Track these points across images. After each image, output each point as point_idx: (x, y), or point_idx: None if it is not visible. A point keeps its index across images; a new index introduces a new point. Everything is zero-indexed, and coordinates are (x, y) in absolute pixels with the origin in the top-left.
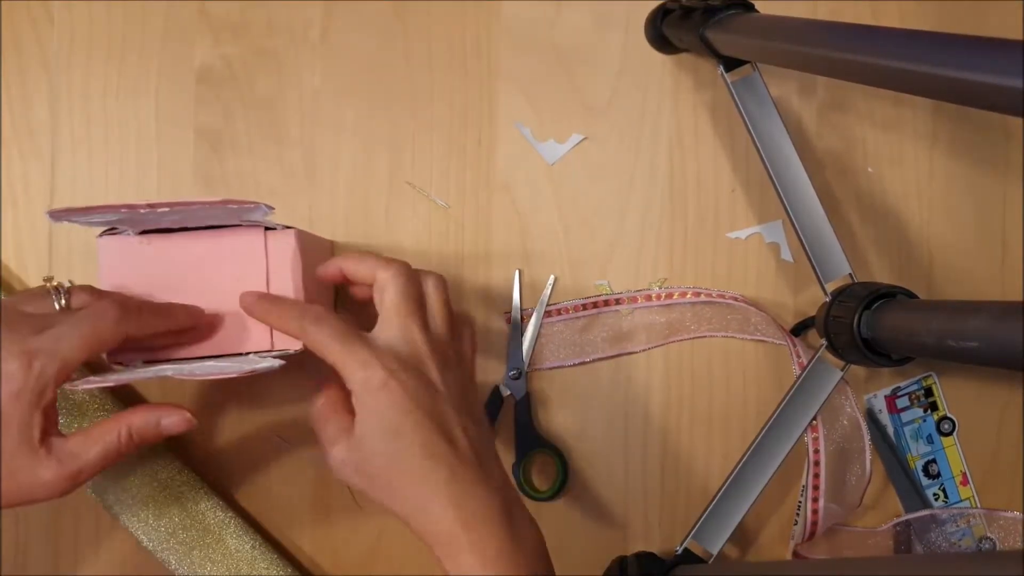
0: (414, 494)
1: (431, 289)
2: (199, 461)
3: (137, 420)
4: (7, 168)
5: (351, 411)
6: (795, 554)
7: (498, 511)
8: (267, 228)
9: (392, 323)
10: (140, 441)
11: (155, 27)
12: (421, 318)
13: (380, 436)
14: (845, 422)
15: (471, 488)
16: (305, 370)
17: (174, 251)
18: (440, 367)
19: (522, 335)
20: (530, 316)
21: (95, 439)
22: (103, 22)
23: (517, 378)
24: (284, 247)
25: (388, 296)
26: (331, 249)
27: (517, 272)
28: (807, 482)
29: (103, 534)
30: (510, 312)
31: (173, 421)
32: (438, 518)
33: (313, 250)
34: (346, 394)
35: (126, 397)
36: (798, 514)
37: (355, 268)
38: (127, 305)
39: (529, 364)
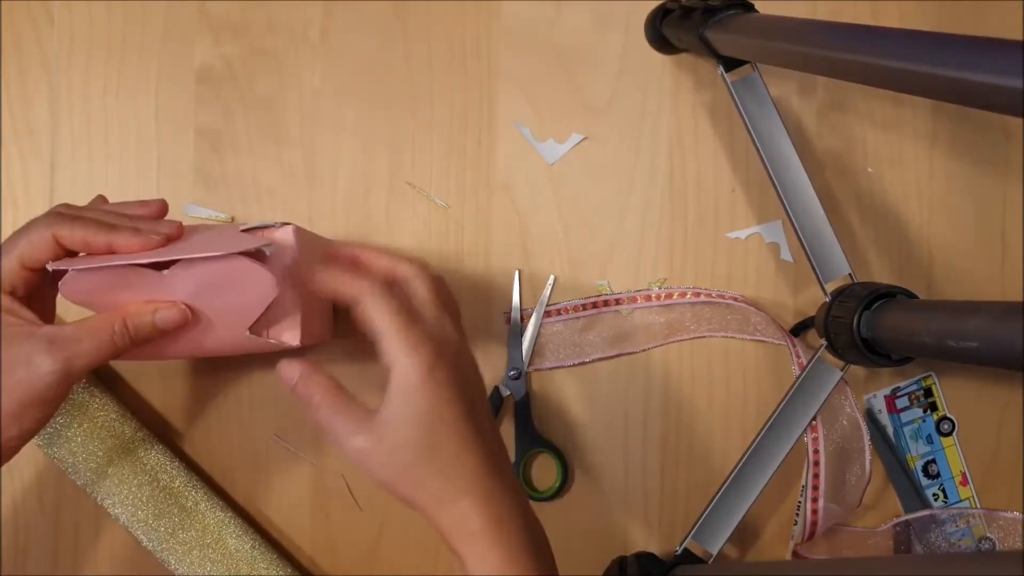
0: (446, 486)
1: (444, 290)
2: (199, 462)
3: (132, 311)
4: (7, 168)
5: (361, 404)
6: (795, 554)
7: (521, 508)
8: (265, 227)
9: (429, 314)
10: (135, 334)
11: (155, 27)
12: (450, 314)
13: (417, 424)
14: (845, 422)
15: (500, 484)
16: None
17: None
18: (467, 357)
19: (522, 335)
20: (530, 316)
21: (90, 326)
22: (103, 22)
23: (517, 378)
24: (283, 242)
25: (420, 289)
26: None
27: (517, 272)
28: (807, 482)
29: (103, 534)
30: (510, 312)
31: (168, 314)
32: (468, 513)
33: (312, 248)
34: (345, 390)
35: (128, 400)
36: (798, 514)
37: (375, 259)
38: (61, 214)
39: (529, 364)
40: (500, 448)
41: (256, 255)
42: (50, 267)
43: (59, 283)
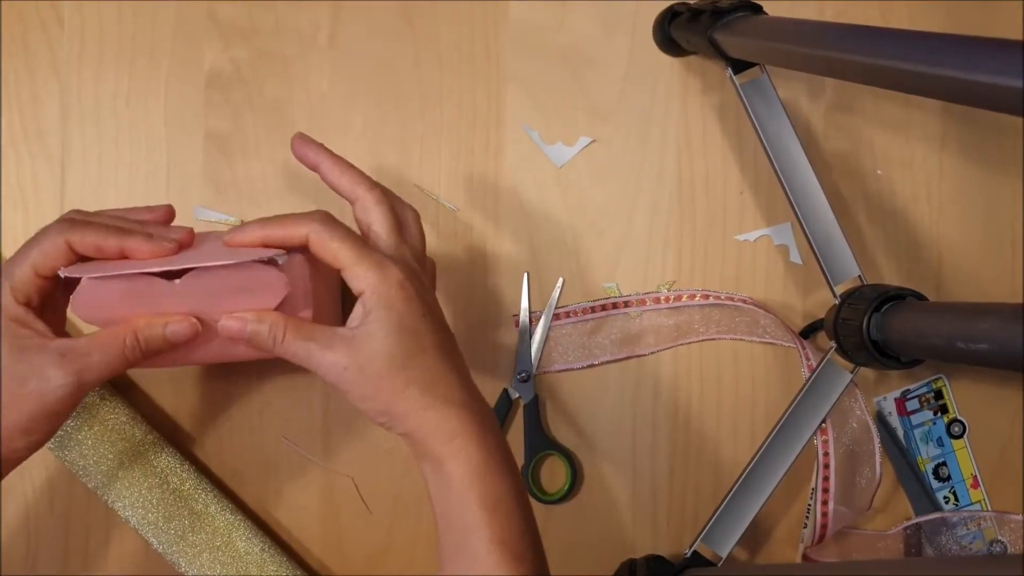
0: (424, 392)
1: (411, 219)
2: (208, 465)
3: (143, 324)
4: (18, 170)
5: (327, 327)
6: (804, 557)
7: (491, 414)
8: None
9: (386, 242)
10: (146, 347)
11: (165, 31)
12: (406, 243)
13: (393, 334)
14: (854, 424)
15: (475, 394)
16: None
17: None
18: (425, 281)
19: (530, 338)
20: (538, 319)
21: (102, 340)
22: (113, 25)
23: (526, 381)
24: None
25: (376, 217)
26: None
27: (525, 275)
28: (816, 485)
29: (113, 537)
30: (518, 315)
31: (178, 327)
32: (449, 415)
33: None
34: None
35: (139, 403)
36: (807, 517)
37: (337, 178)
38: (73, 220)
39: (537, 367)
40: (467, 369)
41: (268, 263)
42: (63, 273)
43: (72, 296)
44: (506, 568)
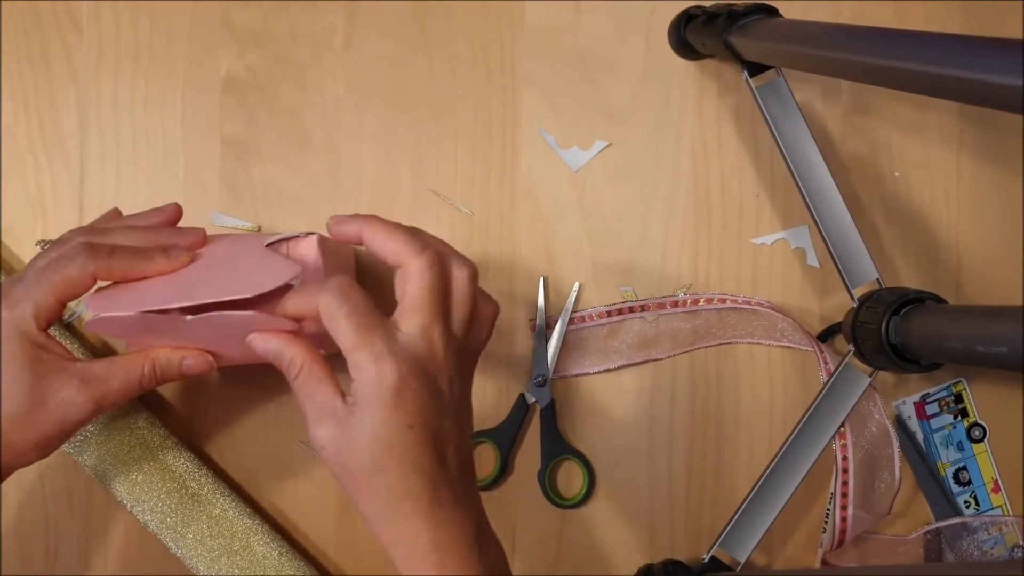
0: (391, 507)
1: (460, 284)
2: (225, 468)
3: (161, 356)
4: (37, 177)
5: (337, 384)
6: (824, 562)
7: (471, 535)
8: (290, 238)
9: (413, 320)
10: (162, 376)
11: (181, 37)
12: (444, 318)
13: (372, 440)
14: (874, 429)
15: (450, 512)
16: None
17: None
18: (451, 375)
19: (547, 342)
20: (555, 323)
21: (121, 367)
22: (130, 32)
23: (542, 385)
24: (306, 253)
25: (413, 289)
26: (354, 256)
27: (542, 279)
28: (835, 489)
29: (132, 539)
30: (535, 319)
31: (194, 362)
32: (411, 536)
33: (337, 255)
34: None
35: (156, 407)
36: (826, 522)
37: (380, 244)
38: (96, 247)
39: (554, 371)
40: (467, 464)
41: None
42: (87, 316)
43: (87, 322)
44: None
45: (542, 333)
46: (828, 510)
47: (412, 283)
